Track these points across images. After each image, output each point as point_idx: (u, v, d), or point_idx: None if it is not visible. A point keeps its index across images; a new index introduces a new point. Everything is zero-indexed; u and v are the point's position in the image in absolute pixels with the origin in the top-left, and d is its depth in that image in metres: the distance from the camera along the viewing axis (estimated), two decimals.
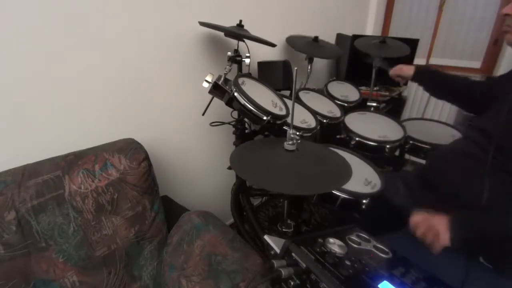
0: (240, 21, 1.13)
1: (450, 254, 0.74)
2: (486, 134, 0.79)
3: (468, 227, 0.69)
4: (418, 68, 1.19)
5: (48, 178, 0.78)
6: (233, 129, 1.19)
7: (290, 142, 0.68)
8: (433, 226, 0.71)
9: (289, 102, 1.05)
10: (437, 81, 1.14)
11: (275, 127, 0.95)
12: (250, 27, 1.15)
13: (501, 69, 2.04)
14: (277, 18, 1.55)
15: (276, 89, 1.13)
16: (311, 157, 0.72)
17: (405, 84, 1.34)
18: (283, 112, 0.98)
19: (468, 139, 0.86)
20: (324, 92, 1.51)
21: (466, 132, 0.92)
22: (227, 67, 1.06)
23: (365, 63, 1.55)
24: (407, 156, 1.46)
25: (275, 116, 0.91)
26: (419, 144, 1.24)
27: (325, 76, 2.17)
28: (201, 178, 1.48)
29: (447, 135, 1.27)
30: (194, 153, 1.40)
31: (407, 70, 1.22)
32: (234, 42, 1.19)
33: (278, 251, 0.63)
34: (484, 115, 0.87)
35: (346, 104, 1.46)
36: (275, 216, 1.69)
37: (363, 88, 1.71)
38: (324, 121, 1.24)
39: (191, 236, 0.89)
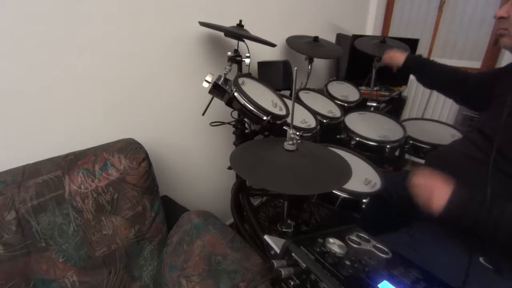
0: (240, 21, 1.13)
1: (451, 254, 0.74)
2: (486, 136, 0.79)
3: (464, 212, 0.66)
4: (409, 57, 1.17)
5: (48, 178, 0.78)
6: (233, 129, 1.19)
7: (290, 142, 0.68)
8: (433, 191, 0.68)
9: (289, 102, 1.05)
10: (428, 71, 1.13)
11: (275, 127, 0.95)
12: (250, 27, 1.15)
13: None
14: (277, 18, 1.55)
15: (276, 89, 1.13)
16: (311, 157, 0.72)
17: (396, 69, 1.25)
18: (283, 112, 0.98)
19: (468, 140, 0.86)
20: (324, 92, 1.51)
21: (466, 133, 0.92)
22: (227, 67, 1.06)
23: (365, 63, 1.55)
24: (407, 156, 1.46)
25: (275, 116, 0.91)
26: (419, 144, 1.24)
27: (325, 76, 2.17)
28: (201, 178, 1.48)
29: (447, 135, 1.27)
30: (194, 153, 1.40)
31: (398, 57, 1.20)
32: (234, 42, 1.19)
33: (278, 251, 0.63)
34: (483, 116, 0.87)
35: (346, 104, 1.46)
36: (275, 216, 1.69)
37: (363, 88, 1.71)
38: (324, 121, 1.24)
39: (191, 236, 0.89)
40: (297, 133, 0.70)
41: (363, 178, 0.95)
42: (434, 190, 0.69)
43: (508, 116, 0.74)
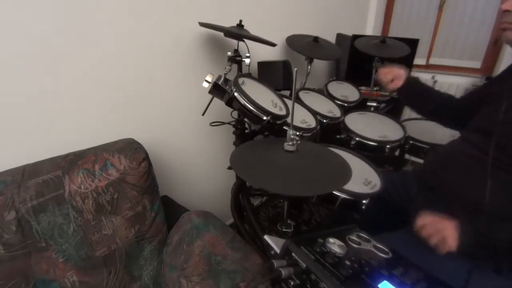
0: (240, 21, 1.13)
1: (451, 254, 0.74)
2: (483, 133, 0.79)
3: (477, 237, 0.68)
4: (410, 77, 1.07)
5: (48, 178, 0.78)
6: (233, 129, 1.19)
7: (290, 143, 0.68)
8: (441, 231, 0.69)
9: (289, 102, 1.05)
10: (430, 95, 1.06)
11: (275, 127, 0.95)
12: (250, 27, 1.15)
13: (501, 69, 2.04)
14: (277, 18, 1.55)
15: (276, 89, 1.13)
16: (311, 158, 0.72)
17: (392, 91, 1.10)
18: (283, 112, 0.98)
19: (465, 139, 0.86)
20: (324, 92, 1.51)
21: (463, 132, 0.91)
22: (227, 67, 1.06)
23: (365, 63, 1.55)
24: (407, 156, 1.46)
25: (275, 116, 0.91)
26: (419, 144, 1.24)
27: (325, 76, 2.17)
28: (201, 178, 1.48)
29: (447, 135, 1.27)
30: (194, 153, 1.40)
31: (400, 71, 1.07)
32: (234, 42, 1.19)
33: (278, 251, 0.63)
34: (479, 115, 0.87)
35: (346, 104, 1.46)
36: (275, 216, 1.69)
37: (363, 88, 1.71)
38: (324, 121, 1.24)
39: (191, 236, 0.89)
40: (297, 133, 0.69)
41: (363, 178, 0.95)
42: (445, 231, 0.69)
43: (507, 111, 0.74)
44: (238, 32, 1.07)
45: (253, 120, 0.92)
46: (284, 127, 0.98)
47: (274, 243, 0.67)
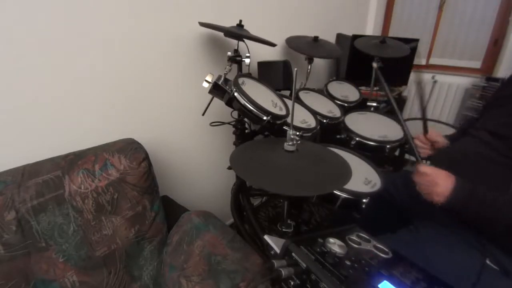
0: (240, 21, 1.13)
1: (453, 253, 0.73)
2: (495, 134, 0.79)
3: (467, 205, 0.68)
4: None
5: (48, 178, 0.78)
6: (233, 129, 1.19)
7: (290, 143, 0.68)
8: (436, 184, 0.70)
9: (289, 102, 1.05)
10: None
11: (275, 127, 0.95)
12: (250, 27, 1.15)
13: (501, 69, 2.04)
14: (277, 18, 1.55)
15: (276, 89, 1.13)
16: (311, 158, 0.72)
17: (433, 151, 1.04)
18: (283, 112, 0.98)
19: (477, 138, 0.85)
20: (324, 92, 1.51)
21: (472, 131, 0.90)
22: (227, 67, 1.06)
23: (365, 63, 1.55)
24: (407, 156, 1.46)
25: (275, 116, 0.91)
26: None
27: (325, 76, 2.17)
28: (201, 178, 1.48)
29: None
30: (194, 153, 1.40)
31: (440, 137, 1.04)
32: (234, 42, 1.19)
33: (278, 251, 0.63)
34: (486, 117, 0.86)
35: (346, 104, 1.46)
36: (275, 216, 1.69)
37: (363, 88, 1.71)
38: (324, 121, 1.24)
39: (191, 236, 0.89)
40: (297, 133, 0.70)
41: (363, 178, 0.95)
42: (438, 182, 0.70)
43: None
44: (238, 32, 1.07)
45: (253, 120, 0.92)
46: (284, 127, 0.98)
47: (274, 243, 0.67)
